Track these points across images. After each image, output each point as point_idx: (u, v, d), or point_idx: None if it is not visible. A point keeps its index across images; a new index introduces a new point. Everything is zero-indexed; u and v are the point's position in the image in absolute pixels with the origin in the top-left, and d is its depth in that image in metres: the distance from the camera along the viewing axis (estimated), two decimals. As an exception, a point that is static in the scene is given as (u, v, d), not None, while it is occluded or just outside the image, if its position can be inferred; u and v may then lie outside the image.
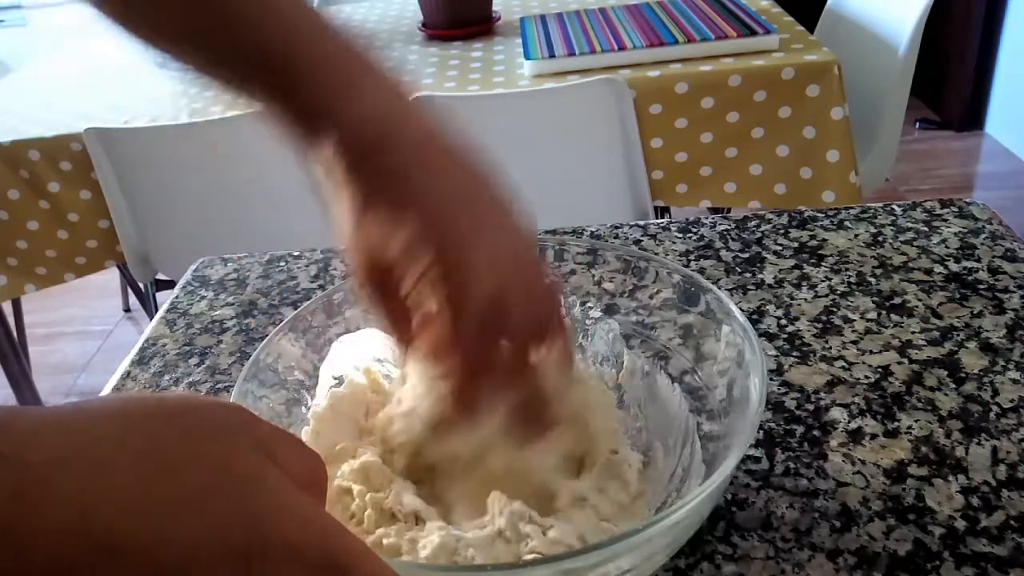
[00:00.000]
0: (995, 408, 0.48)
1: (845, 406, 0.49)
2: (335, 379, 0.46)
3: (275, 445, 0.27)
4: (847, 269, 0.63)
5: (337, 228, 0.39)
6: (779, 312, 0.59)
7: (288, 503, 0.25)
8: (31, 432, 0.22)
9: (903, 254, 0.64)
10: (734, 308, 0.43)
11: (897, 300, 0.58)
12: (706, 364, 0.44)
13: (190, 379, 0.59)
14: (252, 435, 0.26)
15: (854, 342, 0.55)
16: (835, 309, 0.58)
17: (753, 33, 1.37)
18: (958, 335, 0.54)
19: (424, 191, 0.37)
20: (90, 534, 0.21)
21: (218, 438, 0.25)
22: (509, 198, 0.39)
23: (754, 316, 0.58)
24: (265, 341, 0.44)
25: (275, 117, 0.40)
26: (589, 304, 0.50)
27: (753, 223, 0.70)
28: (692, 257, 0.66)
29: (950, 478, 0.44)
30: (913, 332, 0.55)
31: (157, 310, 0.69)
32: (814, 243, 0.66)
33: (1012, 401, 0.48)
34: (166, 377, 0.59)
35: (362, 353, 0.47)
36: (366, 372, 0.46)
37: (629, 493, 0.40)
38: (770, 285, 0.62)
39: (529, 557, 0.35)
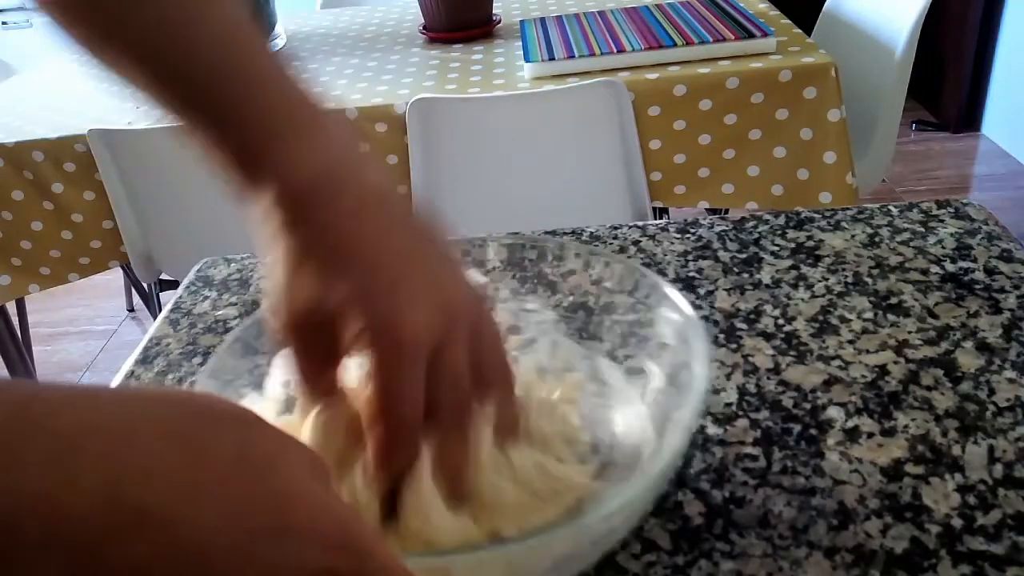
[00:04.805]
0: (991, 407, 0.49)
1: (842, 405, 0.50)
2: (283, 386, 0.45)
3: (284, 438, 0.28)
4: (844, 269, 0.63)
5: (267, 276, 0.38)
6: (776, 312, 0.59)
7: (306, 489, 0.26)
8: (61, 402, 0.23)
9: (899, 254, 0.64)
10: (670, 291, 0.44)
11: (894, 300, 0.59)
12: (649, 348, 0.46)
13: (194, 378, 0.59)
14: (264, 426, 0.27)
15: (851, 342, 0.55)
16: (832, 309, 0.59)
17: (751, 36, 1.37)
18: (954, 335, 0.55)
19: (363, 252, 0.36)
20: (119, 501, 0.22)
21: (236, 425, 0.26)
22: (453, 252, 0.38)
23: (751, 316, 0.59)
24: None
25: (213, 153, 0.38)
26: (522, 294, 0.50)
27: (751, 224, 0.71)
28: (690, 258, 0.67)
29: (947, 476, 0.44)
30: (910, 332, 0.56)
31: (161, 310, 0.70)
32: (811, 244, 0.67)
33: (1008, 400, 0.49)
34: (170, 376, 0.60)
35: None
36: None
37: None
38: (767, 285, 0.62)
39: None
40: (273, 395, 0.44)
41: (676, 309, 0.44)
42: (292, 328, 0.37)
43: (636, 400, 0.45)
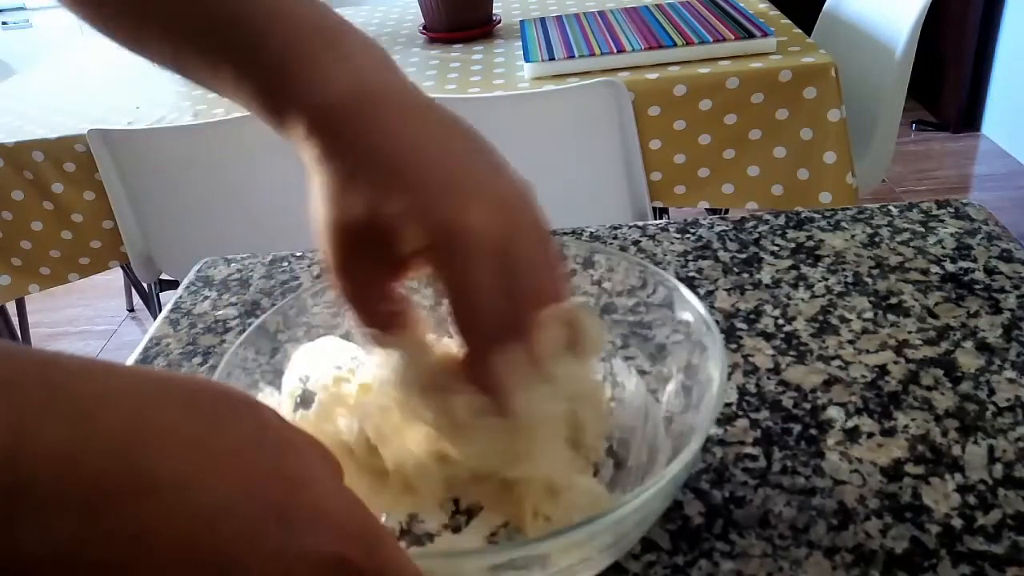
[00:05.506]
0: (991, 407, 0.49)
1: (842, 405, 0.50)
2: (300, 381, 0.45)
3: (297, 429, 0.28)
4: (844, 269, 0.63)
5: (312, 211, 0.36)
6: (776, 312, 0.59)
7: (319, 476, 0.26)
8: (81, 369, 0.23)
9: (899, 254, 0.64)
10: (688, 294, 0.44)
11: (894, 300, 0.59)
12: (665, 352, 0.45)
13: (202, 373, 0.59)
14: (278, 416, 0.27)
15: (851, 342, 0.55)
16: (832, 309, 0.59)
17: (751, 36, 1.37)
18: (954, 335, 0.55)
19: (412, 160, 0.35)
20: (133, 464, 0.22)
21: (251, 409, 0.26)
22: (494, 149, 0.38)
23: (752, 316, 0.59)
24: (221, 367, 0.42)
25: (240, 91, 0.37)
26: None
27: (751, 224, 0.71)
28: (690, 258, 0.67)
29: (947, 477, 0.44)
30: (910, 332, 0.56)
31: (161, 310, 0.70)
32: (811, 244, 0.67)
33: (1008, 400, 0.49)
34: (170, 377, 0.60)
35: (323, 362, 0.45)
36: (335, 381, 0.44)
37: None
38: (767, 285, 0.62)
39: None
40: (290, 390, 0.44)
41: (690, 309, 0.44)
42: (343, 249, 0.36)
43: (651, 403, 0.45)
